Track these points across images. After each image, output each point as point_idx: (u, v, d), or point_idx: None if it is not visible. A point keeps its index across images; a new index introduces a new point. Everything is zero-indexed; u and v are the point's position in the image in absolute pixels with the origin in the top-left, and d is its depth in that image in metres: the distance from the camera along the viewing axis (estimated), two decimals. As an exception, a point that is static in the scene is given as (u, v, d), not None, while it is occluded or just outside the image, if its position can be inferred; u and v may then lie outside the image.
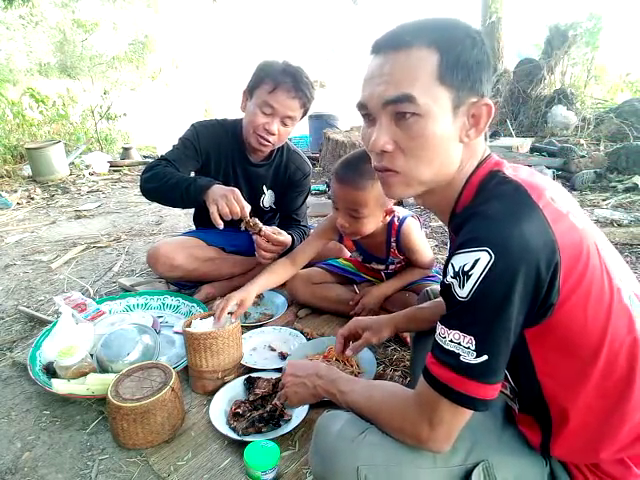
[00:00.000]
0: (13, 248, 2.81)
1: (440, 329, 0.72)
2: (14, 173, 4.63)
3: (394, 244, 1.64)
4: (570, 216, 0.71)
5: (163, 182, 1.68)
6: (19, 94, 6.08)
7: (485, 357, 0.67)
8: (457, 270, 0.67)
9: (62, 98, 6.02)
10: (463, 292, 0.66)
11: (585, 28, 6.48)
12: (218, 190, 1.59)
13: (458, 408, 0.71)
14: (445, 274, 0.71)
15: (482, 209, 0.70)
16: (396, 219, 1.61)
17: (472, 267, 0.65)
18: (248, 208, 1.59)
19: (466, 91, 0.73)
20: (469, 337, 0.67)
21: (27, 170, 4.62)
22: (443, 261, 2.37)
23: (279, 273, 1.63)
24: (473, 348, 0.67)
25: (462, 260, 0.66)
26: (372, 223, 1.50)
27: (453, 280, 0.68)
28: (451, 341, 0.69)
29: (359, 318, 1.33)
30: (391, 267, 1.76)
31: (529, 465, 0.81)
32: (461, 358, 0.68)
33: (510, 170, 0.77)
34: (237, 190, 1.60)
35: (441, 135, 0.73)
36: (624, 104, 5.91)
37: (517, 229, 0.64)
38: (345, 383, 0.93)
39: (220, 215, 1.54)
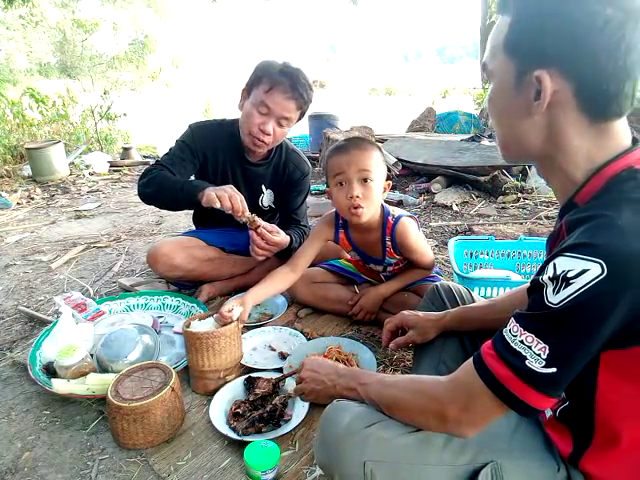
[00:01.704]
0: (13, 248, 2.81)
1: (513, 326, 0.67)
2: (14, 173, 4.63)
3: (389, 242, 1.63)
4: None
5: (159, 187, 1.72)
6: (19, 94, 6.08)
7: (554, 369, 0.62)
8: (558, 273, 0.61)
9: (62, 98, 6.02)
10: (555, 299, 0.61)
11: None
12: (214, 189, 1.64)
13: (502, 406, 0.68)
14: (541, 271, 0.65)
15: (609, 214, 0.61)
16: (391, 217, 1.61)
17: (576, 276, 0.59)
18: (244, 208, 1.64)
19: (532, 61, 0.68)
20: (544, 345, 0.63)
21: (27, 170, 4.62)
22: (443, 261, 2.37)
23: (278, 282, 1.62)
24: (544, 357, 0.62)
25: (568, 264, 0.60)
26: (378, 192, 1.53)
27: (549, 282, 0.62)
28: (522, 342, 0.65)
29: (406, 313, 1.28)
30: (389, 269, 1.75)
31: (540, 469, 0.78)
32: (526, 362, 0.64)
33: None
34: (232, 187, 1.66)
35: (501, 101, 0.75)
36: (624, 104, 5.90)
37: None
38: (367, 376, 0.92)
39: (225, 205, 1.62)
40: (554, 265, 0.62)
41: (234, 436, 1.20)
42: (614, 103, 0.67)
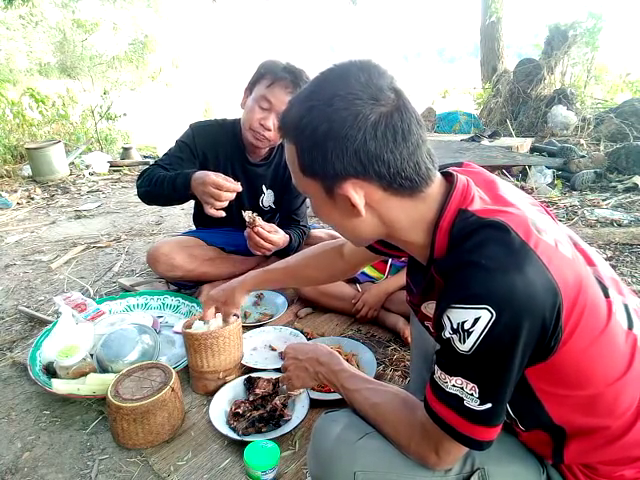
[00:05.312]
0: (13, 248, 2.81)
1: (440, 374, 0.70)
2: (14, 173, 4.62)
3: None
4: (559, 247, 0.69)
5: (152, 185, 1.73)
6: (19, 94, 6.06)
7: (489, 405, 0.67)
8: (455, 326, 0.65)
9: (62, 98, 6.01)
10: (464, 347, 0.65)
11: (585, 28, 6.48)
12: (198, 187, 1.57)
13: (462, 445, 0.71)
14: (440, 327, 0.68)
15: (474, 259, 0.65)
16: None
17: (472, 325, 0.63)
18: (234, 184, 1.57)
19: (331, 179, 0.70)
20: (472, 385, 0.67)
21: (27, 170, 4.62)
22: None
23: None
24: (477, 396, 0.66)
25: (460, 317, 0.64)
26: None
27: (452, 335, 0.66)
28: (454, 386, 0.68)
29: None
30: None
31: (526, 472, 0.80)
32: (465, 403, 0.67)
33: (478, 202, 0.72)
34: (210, 175, 1.55)
35: (327, 213, 0.78)
36: (624, 104, 5.91)
37: (517, 281, 0.61)
38: (348, 379, 0.92)
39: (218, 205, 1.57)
40: (449, 319, 0.66)
41: (234, 436, 1.20)
42: (419, 178, 0.71)
